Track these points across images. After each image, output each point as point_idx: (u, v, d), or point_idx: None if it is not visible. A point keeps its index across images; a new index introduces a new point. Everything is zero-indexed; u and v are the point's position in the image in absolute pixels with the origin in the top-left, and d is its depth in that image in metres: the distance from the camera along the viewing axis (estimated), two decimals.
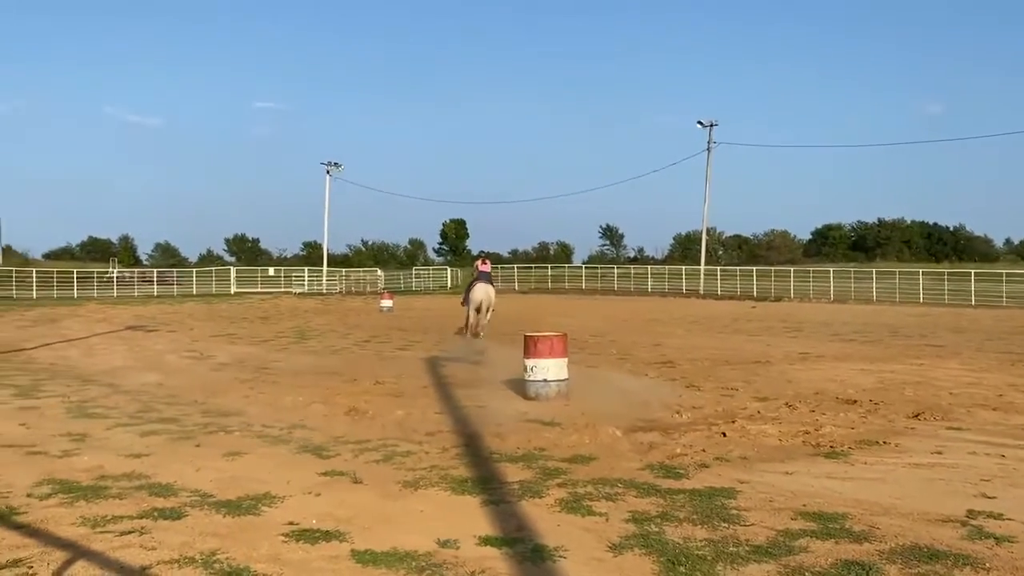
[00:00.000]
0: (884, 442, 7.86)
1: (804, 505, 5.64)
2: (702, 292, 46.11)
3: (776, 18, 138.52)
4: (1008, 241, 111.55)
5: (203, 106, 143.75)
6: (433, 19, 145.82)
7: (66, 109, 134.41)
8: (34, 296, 42.70)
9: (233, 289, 50.37)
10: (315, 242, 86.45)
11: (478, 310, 16.70)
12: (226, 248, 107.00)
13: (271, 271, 59.14)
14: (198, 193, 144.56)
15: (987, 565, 4.48)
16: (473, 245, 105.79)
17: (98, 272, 52.31)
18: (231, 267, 62.39)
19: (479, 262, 18.55)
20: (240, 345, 19.60)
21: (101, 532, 5.10)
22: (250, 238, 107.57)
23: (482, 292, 16.83)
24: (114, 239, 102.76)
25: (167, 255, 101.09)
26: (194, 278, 53.29)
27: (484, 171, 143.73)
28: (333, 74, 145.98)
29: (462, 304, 17.80)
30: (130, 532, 5.09)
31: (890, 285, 40.12)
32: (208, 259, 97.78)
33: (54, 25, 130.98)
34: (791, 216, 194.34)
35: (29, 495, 5.97)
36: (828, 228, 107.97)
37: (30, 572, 4.44)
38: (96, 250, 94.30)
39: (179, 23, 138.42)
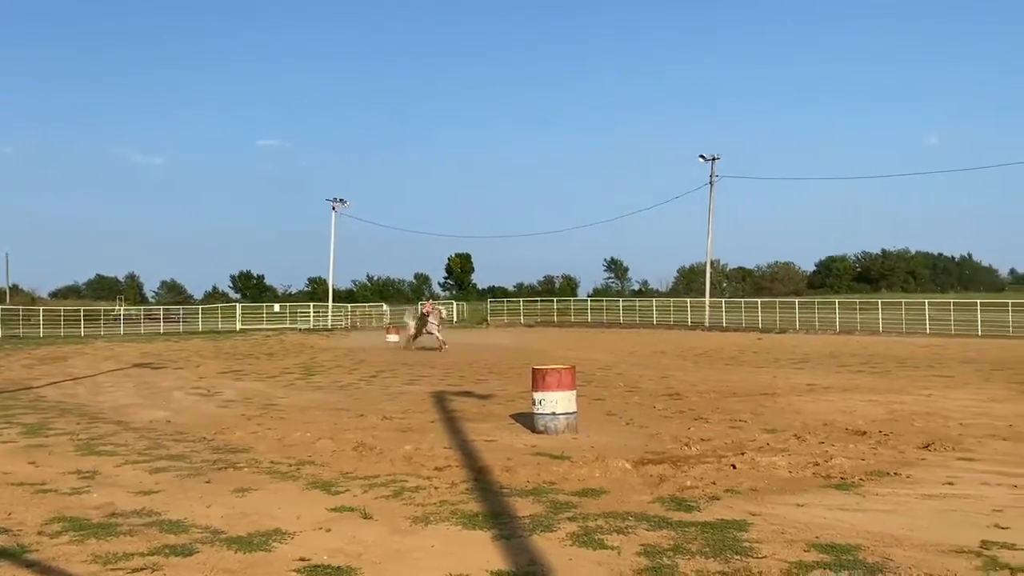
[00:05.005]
0: (895, 473, 7.82)
1: (817, 537, 5.62)
2: (707, 324, 46.02)
3: (778, 54, 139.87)
4: (1013, 271, 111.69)
5: (206, 144, 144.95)
6: (433, 55, 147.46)
7: (72, 150, 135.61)
8: (41, 334, 42.75)
9: (238, 326, 50.34)
10: (320, 278, 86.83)
11: None
12: (231, 285, 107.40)
13: (276, 307, 59.12)
14: (203, 231, 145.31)
15: None
16: (478, 279, 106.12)
17: (104, 310, 52.43)
18: (236, 304, 62.51)
19: None
20: (247, 381, 19.61)
21: (112, 570, 5.10)
22: (255, 275, 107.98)
23: None
24: (120, 277, 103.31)
25: (173, 292, 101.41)
26: (200, 315, 53.40)
27: (489, 205, 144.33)
28: (335, 111, 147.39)
29: None
30: (142, 569, 5.08)
31: (896, 316, 40.02)
32: (213, 296, 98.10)
33: (58, 68, 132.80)
34: (795, 248, 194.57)
35: (40, 533, 5.96)
36: (832, 260, 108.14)
37: None
38: (102, 288, 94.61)
39: (179, 61, 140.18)
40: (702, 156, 50.37)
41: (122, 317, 49.58)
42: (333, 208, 58.02)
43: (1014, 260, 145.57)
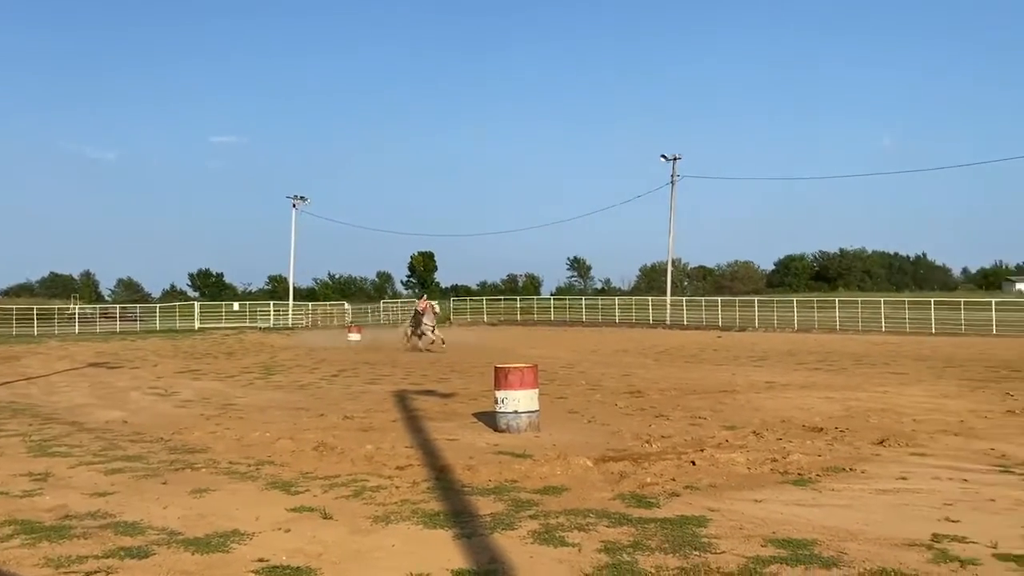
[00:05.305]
0: (850, 469, 7.96)
1: (774, 532, 5.69)
2: (668, 323, 46.42)
3: (739, 56, 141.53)
4: (965, 270, 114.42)
5: (163, 140, 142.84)
6: (395, 51, 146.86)
7: (24, 145, 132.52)
8: None
9: (197, 324, 49.64)
10: (280, 276, 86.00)
11: None
12: (190, 283, 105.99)
13: (235, 306, 58.38)
14: (161, 228, 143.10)
15: None
16: (441, 277, 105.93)
17: (59, 309, 51.37)
18: (195, 302, 61.64)
19: None
20: (205, 381, 19.34)
21: (65, 573, 5.00)
22: (214, 273, 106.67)
23: None
24: (75, 275, 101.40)
25: (130, 290, 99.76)
26: (157, 314, 52.55)
27: (452, 204, 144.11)
28: (296, 107, 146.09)
29: None
30: (95, 572, 4.99)
31: (853, 314, 40.70)
32: (171, 294, 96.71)
33: (8, 59, 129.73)
34: (754, 247, 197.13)
35: None
36: (791, 259, 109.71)
37: None
38: (57, 286, 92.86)
39: (136, 55, 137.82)
40: (664, 156, 50.86)
41: (77, 316, 48.63)
42: (294, 205, 57.53)
43: (966, 259, 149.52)
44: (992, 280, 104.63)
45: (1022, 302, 40.69)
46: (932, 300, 39.81)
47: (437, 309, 33.07)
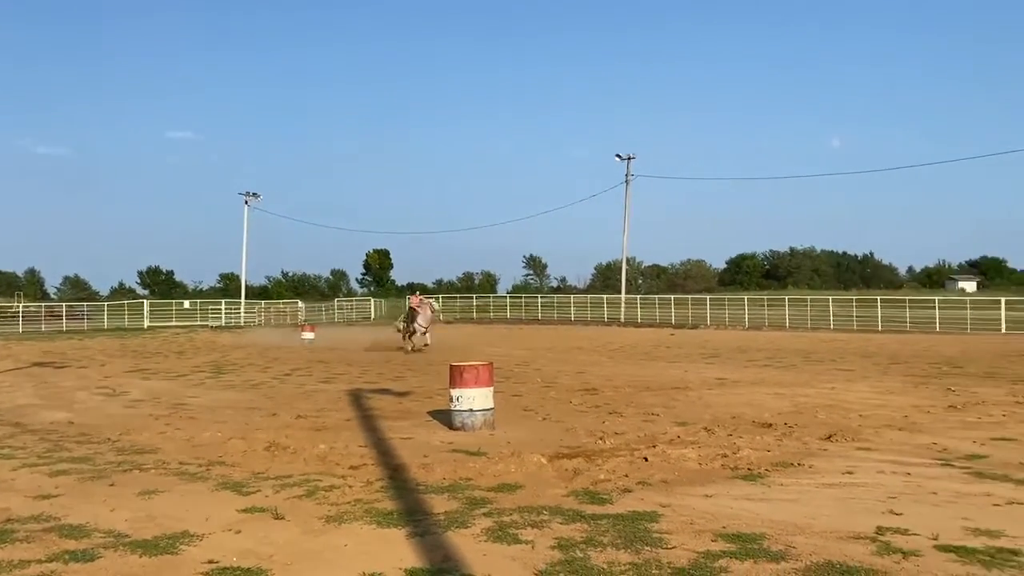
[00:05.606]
0: (799, 464, 8.11)
1: (724, 527, 5.78)
2: (623, 320, 46.78)
3: (694, 55, 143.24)
4: (911, 269, 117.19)
5: (113, 135, 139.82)
6: (346, 49, 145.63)
7: None
8: None
9: (146, 323, 48.71)
10: (232, 274, 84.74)
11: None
12: (139, 281, 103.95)
13: (186, 304, 57.33)
14: (109, 224, 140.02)
15: None
16: (397, 275, 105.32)
17: (2, 307, 49.96)
18: (144, 300, 60.43)
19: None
20: (154, 380, 18.99)
21: None
22: (164, 270, 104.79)
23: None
24: (19, 272, 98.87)
25: (76, 288, 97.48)
26: (105, 312, 51.43)
27: (409, 202, 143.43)
28: (247, 103, 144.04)
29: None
30: None
31: (802, 312, 41.44)
32: (120, 292, 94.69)
33: None
34: (707, 246, 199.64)
35: None
36: (742, 257, 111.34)
37: None
38: None
39: (85, 50, 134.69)
40: (618, 155, 51.17)
41: (21, 314, 47.37)
42: (246, 202, 56.78)
43: (912, 259, 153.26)
44: (936, 279, 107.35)
45: (964, 300, 41.79)
46: (879, 298, 40.73)
47: (436, 306, 31.14)
